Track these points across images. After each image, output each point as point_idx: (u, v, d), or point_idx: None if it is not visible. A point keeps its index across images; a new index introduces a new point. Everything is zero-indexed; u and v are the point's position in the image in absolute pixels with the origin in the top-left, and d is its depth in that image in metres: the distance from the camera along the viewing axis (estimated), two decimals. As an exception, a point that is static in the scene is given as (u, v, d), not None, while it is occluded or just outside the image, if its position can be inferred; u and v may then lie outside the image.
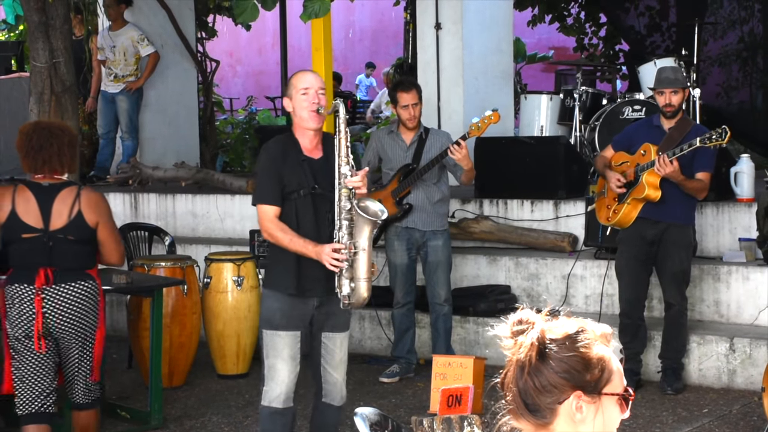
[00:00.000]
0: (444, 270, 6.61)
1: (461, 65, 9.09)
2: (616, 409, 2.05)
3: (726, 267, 6.76)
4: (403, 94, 6.39)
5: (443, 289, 6.61)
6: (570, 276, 7.20)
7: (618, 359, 2.07)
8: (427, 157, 6.49)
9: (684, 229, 6.17)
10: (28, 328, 4.68)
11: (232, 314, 6.92)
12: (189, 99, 11.10)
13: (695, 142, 5.85)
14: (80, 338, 4.75)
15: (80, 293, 4.72)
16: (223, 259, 6.99)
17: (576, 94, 8.88)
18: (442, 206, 6.62)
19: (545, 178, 7.87)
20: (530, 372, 2.02)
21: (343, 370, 4.68)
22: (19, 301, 4.69)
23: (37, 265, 4.67)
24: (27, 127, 4.83)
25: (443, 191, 6.62)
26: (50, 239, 4.68)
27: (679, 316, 6.22)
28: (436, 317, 6.67)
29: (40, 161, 4.70)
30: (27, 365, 4.71)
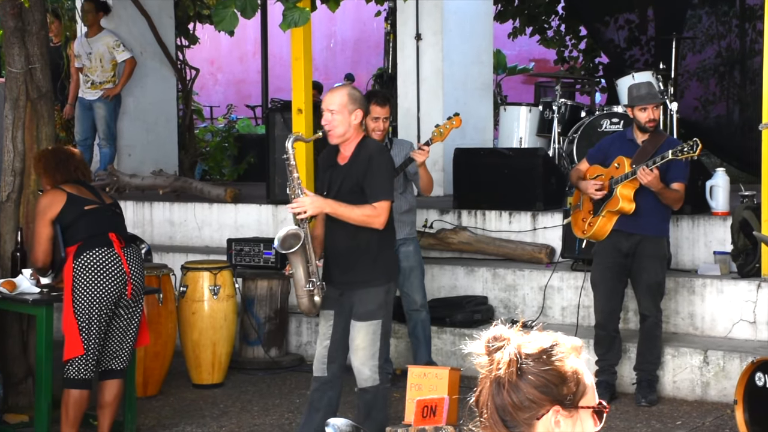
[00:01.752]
0: (417, 275, 6.61)
1: (441, 76, 9.12)
2: (590, 422, 2.06)
3: (701, 280, 6.81)
4: (376, 107, 6.39)
5: (418, 295, 6.62)
6: (547, 287, 7.23)
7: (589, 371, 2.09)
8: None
9: (658, 241, 6.22)
10: (121, 290, 5.31)
11: (208, 323, 6.91)
12: (168, 106, 11.09)
13: (667, 155, 5.92)
14: (141, 299, 5.50)
15: (140, 256, 5.53)
16: (200, 267, 6.98)
17: (555, 107, 8.92)
18: (409, 215, 6.64)
19: (523, 189, 7.90)
20: (509, 389, 2.02)
21: (361, 356, 5.15)
22: (109, 264, 5.30)
23: (106, 231, 5.35)
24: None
25: (410, 201, 6.65)
26: (108, 209, 5.46)
27: (654, 328, 6.26)
28: (414, 325, 6.67)
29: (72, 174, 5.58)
30: (97, 330, 5.25)
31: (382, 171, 5.18)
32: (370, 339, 5.16)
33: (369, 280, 5.17)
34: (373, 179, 5.13)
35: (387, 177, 5.20)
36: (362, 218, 5.11)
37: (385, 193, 5.14)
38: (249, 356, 7.39)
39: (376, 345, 5.17)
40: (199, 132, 13.29)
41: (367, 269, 5.18)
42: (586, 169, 6.38)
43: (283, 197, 8.57)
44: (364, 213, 5.10)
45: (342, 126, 5.15)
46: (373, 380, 5.20)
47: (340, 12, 16.00)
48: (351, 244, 5.19)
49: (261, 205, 8.77)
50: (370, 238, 5.16)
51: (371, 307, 5.16)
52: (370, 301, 5.17)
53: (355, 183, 5.17)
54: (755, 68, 9.91)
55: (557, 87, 9.13)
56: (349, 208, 5.11)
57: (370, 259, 5.18)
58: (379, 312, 5.18)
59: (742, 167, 10.32)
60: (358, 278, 5.18)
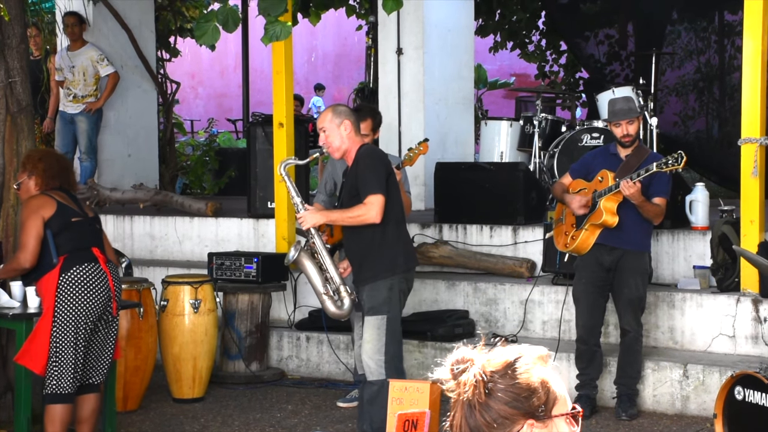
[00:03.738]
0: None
1: (422, 90, 9.14)
2: (567, 428, 2.06)
3: (681, 294, 6.84)
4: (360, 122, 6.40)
5: None
6: (528, 301, 7.24)
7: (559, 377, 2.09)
8: None
9: (640, 255, 6.24)
10: (105, 306, 5.33)
11: (189, 337, 6.89)
12: (149, 120, 11.06)
13: (652, 167, 5.94)
14: (119, 314, 5.50)
15: (118, 272, 5.53)
16: (181, 281, 6.96)
17: (536, 121, 8.95)
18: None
19: (504, 203, 7.91)
20: (480, 409, 2.02)
21: (368, 350, 5.44)
22: (96, 280, 5.29)
23: (90, 245, 5.35)
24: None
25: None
26: (91, 223, 5.43)
27: (635, 342, 6.27)
28: None
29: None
30: (76, 347, 5.23)
31: (369, 167, 5.40)
32: (376, 334, 5.42)
33: (372, 276, 5.46)
34: (361, 177, 5.39)
35: (375, 172, 5.39)
36: (355, 217, 5.39)
37: (373, 187, 5.35)
38: (230, 370, 7.36)
39: (382, 340, 5.42)
40: (180, 146, 13.27)
41: (371, 265, 5.47)
42: (569, 183, 6.41)
43: (264, 211, 8.56)
44: (354, 212, 5.38)
45: (335, 139, 5.48)
46: (378, 374, 5.43)
47: (322, 26, 16.02)
48: (358, 243, 5.51)
49: (242, 219, 8.75)
50: (373, 234, 5.43)
51: (375, 303, 5.45)
52: (374, 297, 5.45)
53: (352, 188, 5.47)
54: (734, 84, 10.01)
55: (538, 102, 9.17)
56: (340, 212, 5.47)
57: (374, 255, 5.46)
58: (383, 308, 5.43)
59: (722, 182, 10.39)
60: (363, 275, 5.50)
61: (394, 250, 5.51)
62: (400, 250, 5.56)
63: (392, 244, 5.50)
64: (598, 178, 6.22)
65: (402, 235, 5.64)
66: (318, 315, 7.45)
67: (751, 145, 6.55)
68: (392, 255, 5.50)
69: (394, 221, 5.51)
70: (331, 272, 5.59)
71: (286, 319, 7.86)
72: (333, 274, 5.59)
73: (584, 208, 6.20)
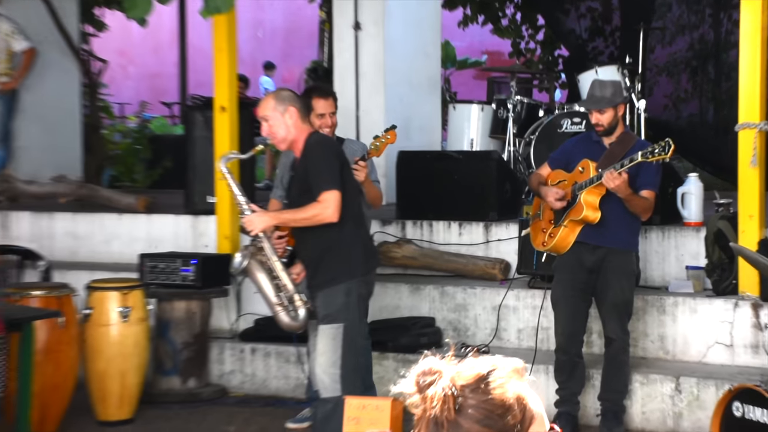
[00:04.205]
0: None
1: (383, 70, 9.13)
2: None
3: (672, 298, 6.88)
4: (319, 100, 6.40)
5: None
6: (501, 307, 7.25)
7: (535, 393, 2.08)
8: None
9: (626, 255, 6.27)
10: None
11: (116, 351, 6.84)
12: (71, 103, 10.97)
13: (636, 157, 5.97)
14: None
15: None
16: (108, 287, 6.91)
17: (510, 105, 8.98)
18: None
19: (475, 197, 7.93)
20: (448, 428, 2.00)
21: (322, 363, 5.43)
22: None
23: None
24: None
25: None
26: None
27: (621, 352, 6.30)
28: None
29: None
30: None
31: (320, 159, 5.41)
32: (331, 345, 5.42)
33: (328, 280, 5.46)
34: (313, 171, 5.39)
35: (327, 164, 5.40)
36: (310, 218, 5.39)
37: (327, 182, 5.35)
38: (163, 388, 7.32)
39: (338, 352, 5.40)
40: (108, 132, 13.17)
41: (327, 268, 5.47)
42: (547, 174, 6.42)
43: (203, 206, 8.50)
44: (309, 212, 5.37)
45: (279, 128, 5.48)
46: (333, 390, 5.42)
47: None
48: (312, 245, 5.51)
49: (178, 216, 8.70)
50: (330, 235, 5.44)
51: (331, 310, 5.45)
52: (330, 303, 5.45)
53: (302, 183, 5.46)
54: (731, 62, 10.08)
55: (512, 83, 9.19)
56: (293, 212, 5.46)
57: (330, 257, 5.47)
58: (340, 315, 5.42)
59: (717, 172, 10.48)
60: (319, 279, 5.51)
61: (353, 250, 5.53)
62: (360, 251, 5.57)
63: (351, 244, 5.51)
64: (579, 168, 6.24)
65: (361, 234, 5.66)
66: (265, 324, 7.43)
67: (750, 131, 6.59)
68: (351, 256, 5.51)
69: (352, 219, 5.53)
70: (283, 279, 5.59)
71: (229, 328, 7.83)
72: (286, 281, 5.59)
73: (562, 202, 6.22)
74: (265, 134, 5.55)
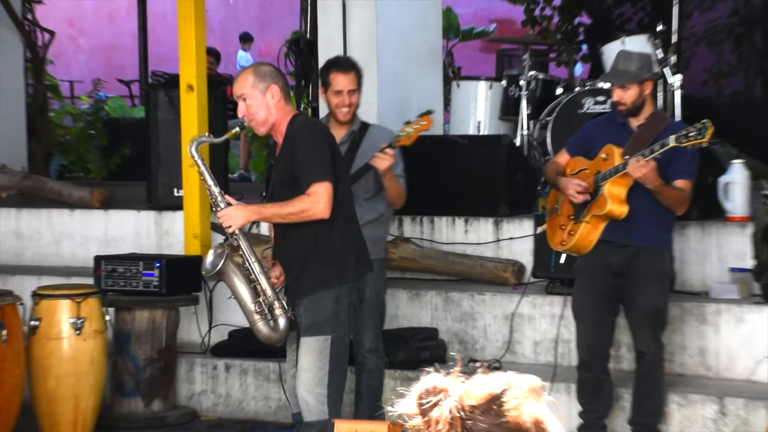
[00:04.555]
0: (369, 311, 6.59)
1: (375, 42, 9.11)
2: None
3: (714, 305, 6.88)
4: (338, 74, 6.40)
5: (368, 336, 6.62)
6: (514, 316, 7.26)
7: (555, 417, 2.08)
8: (361, 163, 6.49)
9: (658, 254, 6.27)
10: None
11: (69, 369, 6.84)
12: (13, 82, 10.96)
13: (668, 142, 5.95)
14: None
15: None
16: (58, 294, 6.91)
17: (523, 81, 8.97)
18: (374, 229, 6.57)
19: (483, 189, 7.94)
20: None
21: (305, 381, 5.45)
22: None
23: None
24: None
25: (379, 209, 6.60)
26: None
27: (654, 368, 6.31)
28: (359, 373, 6.69)
29: None
30: None
31: (310, 146, 5.42)
32: (317, 360, 5.43)
33: (313, 286, 5.47)
34: (300, 160, 5.39)
35: (317, 152, 5.41)
36: (297, 213, 5.40)
37: (317, 172, 5.36)
38: (124, 411, 7.32)
39: (325, 368, 5.41)
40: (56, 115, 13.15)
41: (313, 271, 5.47)
42: (566, 162, 6.42)
43: (169, 201, 8.50)
44: (297, 207, 5.38)
45: (260, 110, 5.47)
46: (320, 413, 5.42)
47: (243, -43, 15.94)
48: (296, 244, 5.52)
49: (140, 212, 8.72)
50: (317, 233, 5.46)
51: (317, 319, 5.45)
52: (316, 312, 5.46)
53: (285, 173, 5.47)
54: (781, 30, 10.07)
55: (526, 56, 9.19)
56: (278, 206, 5.46)
57: (317, 259, 5.48)
58: (327, 325, 5.43)
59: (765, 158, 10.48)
60: (302, 284, 5.53)
61: (345, 251, 5.54)
62: (351, 252, 5.58)
63: (342, 245, 5.52)
64: (602, 155, 6.24)
65: (353, 233, 5.66)
66: (241, 336, 7.42)
67: (803, 110, 6.59)
68: (341, 258, 5.52)
69: (344, 215, 5.53)
70: (262, 284, 5.57)
71: (199, 342, 7.83)
72: (265, 285, 5.57)
73: (584, 195, 6.21)
74: (242, 115, 5.52)
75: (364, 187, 6.49)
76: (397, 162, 6.45)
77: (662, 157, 6.03)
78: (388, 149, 6.27)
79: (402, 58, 9.30)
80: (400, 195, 6.51)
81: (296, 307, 5.56)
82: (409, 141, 6.44)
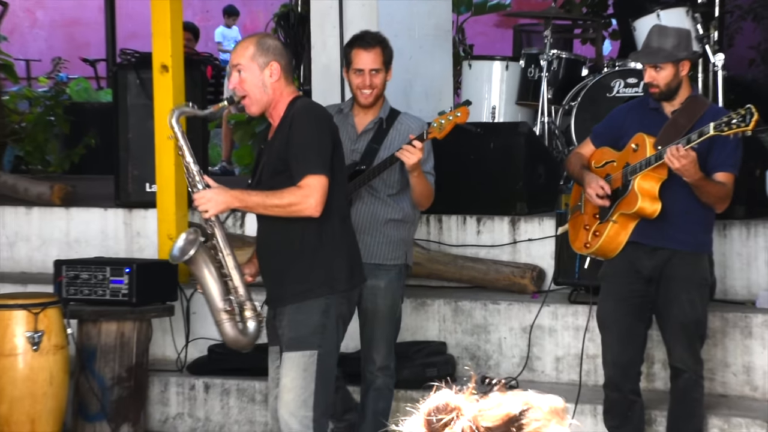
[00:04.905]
0: (382, 324, 6.59)
1: (375, 17, 9.13)
2: None
3: (761, 316, 6.90)
4: (360, 51, 6.42)
5: (379, 352, 6.61)
6: (533, 328, 7.28)
7: None
8: (386, 154, 6.50)
9: (696, 259, 6.28)
10: None
11: (24, 389, 6.86)
12: (-37, 62, 10.97)
13: (708, 129, 5.93)
14: None
15: None
16: (12, 304, 6.93)
17: (544, 61, 8.98)
18: (397, 229, 6.55)
19: (498, 184, 7.96)
20: None
21: (288, 402, 5.49)
22: None
23: None
24: None
25: (404, 208, 6.59)
26: None
27: (693, 388, 6.32)
28: (365, 390, 6.70)
29: None
30: None
31: (309, 134, 5.44)
32: (301, 378, 5.46)
33: (300, 293, 5.48)
34: (296, 147, 5.41)
35: (317, 142, 5.43)
36: (285, 206, 5.41)
37: (314, 164, 5.39)
38: (88, 437, 7.35)
39: (310, 387, 5.44)
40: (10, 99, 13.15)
41: (299, 278, 5.48)
42: (590, 153, 6.44)
43: (140, 197, 8.51)
44: (285, 199, 5.39)
45: (255, 86, 5.49)
46: None
47: None
48: (280, 244, 5.55)
49: (107, 210, 8.73)
50: (304, 233, 5.48)
51: (302, 332, 5.48)
52: (301, 324, 5.48)
53: (277, 160, 5.49)
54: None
55: (547, 32, 9.21)
56: (263, 195, 5.45)
57: (304, 264, 5.49)
58: (313, 339, 5.45)
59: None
60: (287, 290, 5.54)
61: (336, 256, 5.56)
62: (344, 258, 5.60)
63: (333, 249, 5.54)
64: (632, 145, 6.24)
65: (348, 237, 5.68)
66: (222, 351, 7.44)
67: None
68: (332, 264, 5.54)
69: (339, 216, 5.56)
70: (235, 280, 5.60)
71: (174, 358, 7.86)
72: (238, 282, 5.60)
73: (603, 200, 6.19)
74: (233, 86, 5.54)
75: (387, 182, 6.49)
76: (427, 157, 6.46)
77: (701, 146, 5.99)
78: (416, 141, 6.25)
79: (406, 36, 9.32)
80: (428, 195, 6.50)
81: (278, 316, 5.58)
82: (441, 134, 6.36)
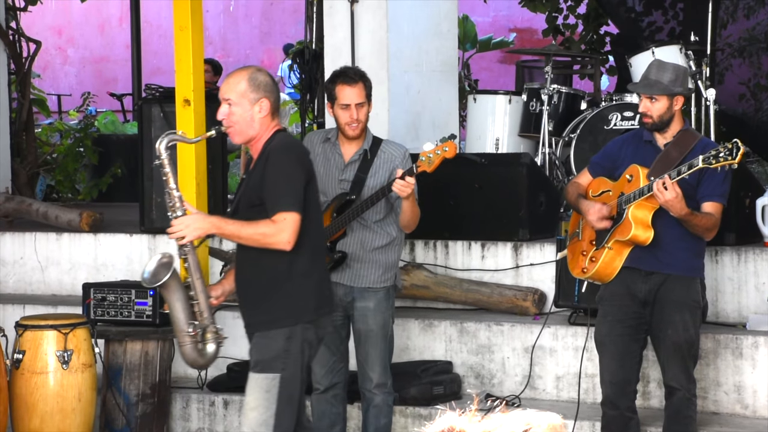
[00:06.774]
0: (376, 343, 6.58)
1: (385, 53, 9.14)
2: None
3: (751, 337, 6.87)
4: (344, 87, 6.42)
5: (374, 371, 6.60)
6: (535, 349, 7.27)
7: None
8: (373, 183, 6.49)
9: (688, 283, 6.26)
10: None
11: (55, 405, 6.86)
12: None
13: (696, 162, 5.92)
14: None
15: None
16: (43, 325, 6.93)
17: (545, 96, 8.98)
18: (384, 254, 6.56)
19: (501, 211, 7.94)
20: None
21: (251, 420, 5.48)
22: None
23: None
24: None
25: (391, 233, 6.60)
26: None
27: (686, 406, 6.29)
28: (366, 408, 6.68)
29: None
30: None
31: (283, 170, 5.45)
32: (263, 398, 5.46)
33: (267, 321, 5.52)
34: (271, 183, 5.42)
35: (290, 178, 5.44)
36: (257, 237, 5.44)
37: (286, 200, 5.39)
38: (114, 451, 7.34)
39: (272, 408, 5.43)
40: (42, 132, 13.18)
41: (268, 306, 5.53)
42: (588, 183, 6.43)
43: (163, 223, 8.50)
44: (259, 230, 5.41)
45: (243, 120, 5.50)
46: None
47: (244, -38, 16.03)
48: (253, 273, 5.58)
49: (132, 236, 8.73)
50: (277, 265, 5.48)
51: (264, 356, 5.51)
52: (265, 348, 5.52)
53: (252, 193, 5.50)
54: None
55: (548, 68, 9.21)
56: (239, 225, 5.47)
57: (274, 293, 5.51)
58: (276, 363, 5.47)
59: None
60: (256, 318, 5.61)
61: (304, 289, 5.55)
62: (311, 291, 5.59)
63: (302, 282, 5.54)
64: (626, 175, 6.23)
65: (317, 270, 5.67)
66: (240, 369, 7.43)
67: None
68: (299, 296, 5.54)
69: (310, 250, 5.55)
70: (201, 304, 5.63)
71: (195, 376, 7.84)
72: (203, 307, 5.63)
73: (605, 222, 6.20)
74: (221, 117, 5.54)
75: (374, 208, 6.51)
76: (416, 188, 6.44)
77: (691, 177, 6.01)
78: (409, 177, 6.24)
79: (414, 71, 9.32)
80: (416, 219, 6.49)
81: (249, 337, 5.65)
82: (431, 168, 6.38)
